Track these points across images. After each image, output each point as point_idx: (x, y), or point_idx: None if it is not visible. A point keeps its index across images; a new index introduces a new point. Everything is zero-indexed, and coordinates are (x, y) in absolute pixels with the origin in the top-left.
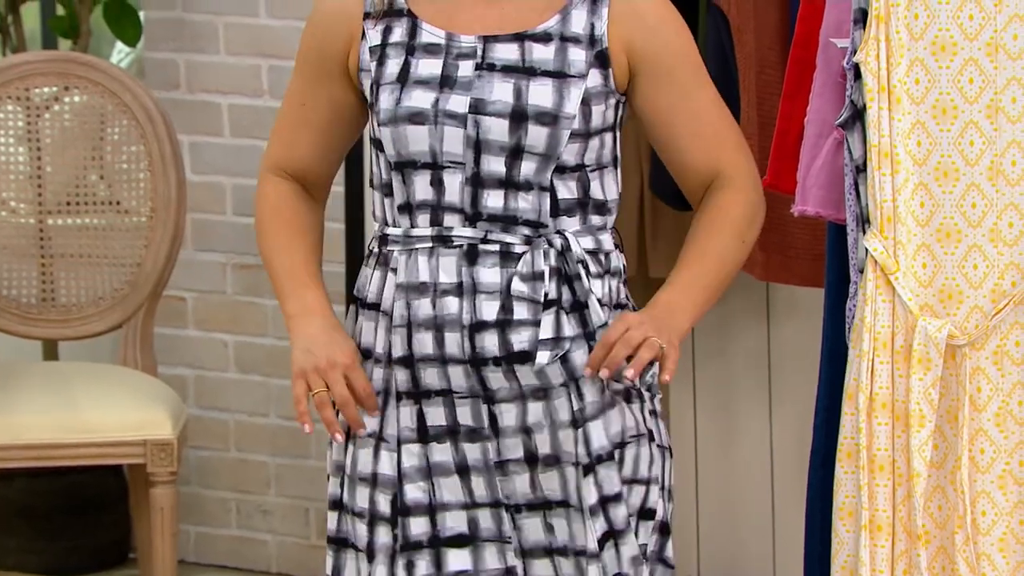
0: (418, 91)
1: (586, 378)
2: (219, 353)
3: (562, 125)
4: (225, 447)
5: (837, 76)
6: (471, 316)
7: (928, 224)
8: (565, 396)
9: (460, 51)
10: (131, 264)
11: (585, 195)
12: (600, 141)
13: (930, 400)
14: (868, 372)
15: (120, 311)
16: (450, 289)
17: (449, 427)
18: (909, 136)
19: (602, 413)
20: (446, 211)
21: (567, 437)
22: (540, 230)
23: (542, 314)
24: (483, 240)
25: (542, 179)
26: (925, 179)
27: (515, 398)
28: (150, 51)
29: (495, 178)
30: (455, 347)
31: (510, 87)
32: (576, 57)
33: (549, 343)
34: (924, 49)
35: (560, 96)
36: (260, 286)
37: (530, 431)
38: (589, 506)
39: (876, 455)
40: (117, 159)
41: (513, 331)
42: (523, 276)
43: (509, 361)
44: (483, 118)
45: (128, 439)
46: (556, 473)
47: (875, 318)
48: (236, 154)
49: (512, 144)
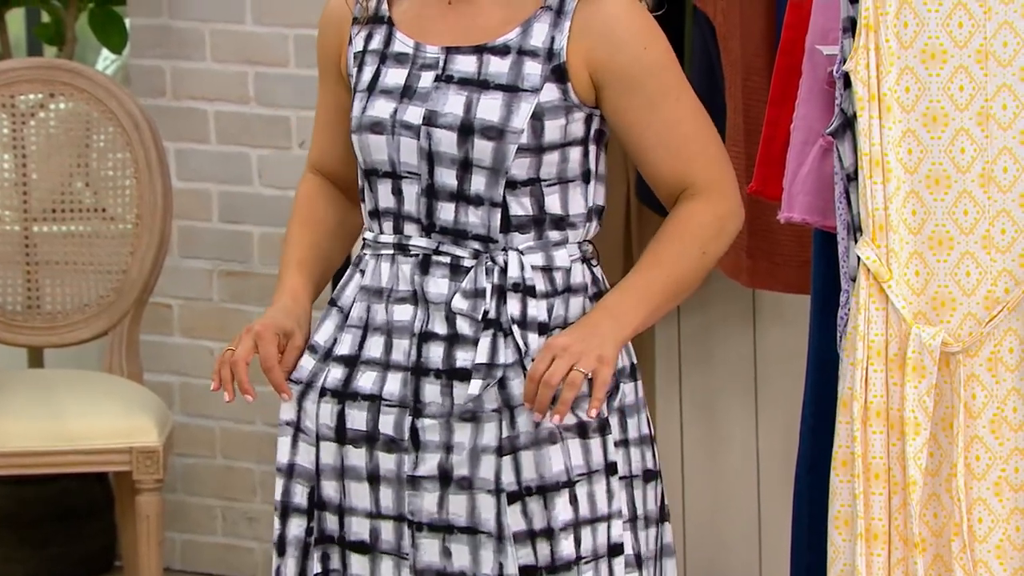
0: (381, 100)
1: (520, 406)
2: (205, 360)
3: (508, 140)
4: (211, 454)
5: (823, 83)
6: (422, 325)
7: (920, 232)
8: (496, 422)
9: (424, 61)
10: (117, 271)
11: (541, 211)
12: (561, 156)
13: (925, 408)
14: (862, 380)
15: (106, 318)
16: (405, 297)
17: (368, 433)
18: (900, 144)
19: (536, 446)
20: (405, 220)
21: (489, 464)
22: (490, 245)
23: (481, 335)
24: (435, 251)
25: (493, 194)
26: (916, 187)
27: (443, 415)
28: (136, 58)
29: (447, 191)
30: (401, 354)
31: (462, 100)
32: (531, 71)
33: (483, 369)
34: (914, 57)
35: (508, 111)
36: (246, 293)
37: (450, 450)
38: (512, 533)
39: (871, 463)
40: (103, 166)
41: (459, 347)
42: (465, 292)
43: (449, 376)
44: (434, 130)
45: (114, 447)
46: (466, 498)
47: (868, 326)
48: (222, 161)
49: (461, 157)
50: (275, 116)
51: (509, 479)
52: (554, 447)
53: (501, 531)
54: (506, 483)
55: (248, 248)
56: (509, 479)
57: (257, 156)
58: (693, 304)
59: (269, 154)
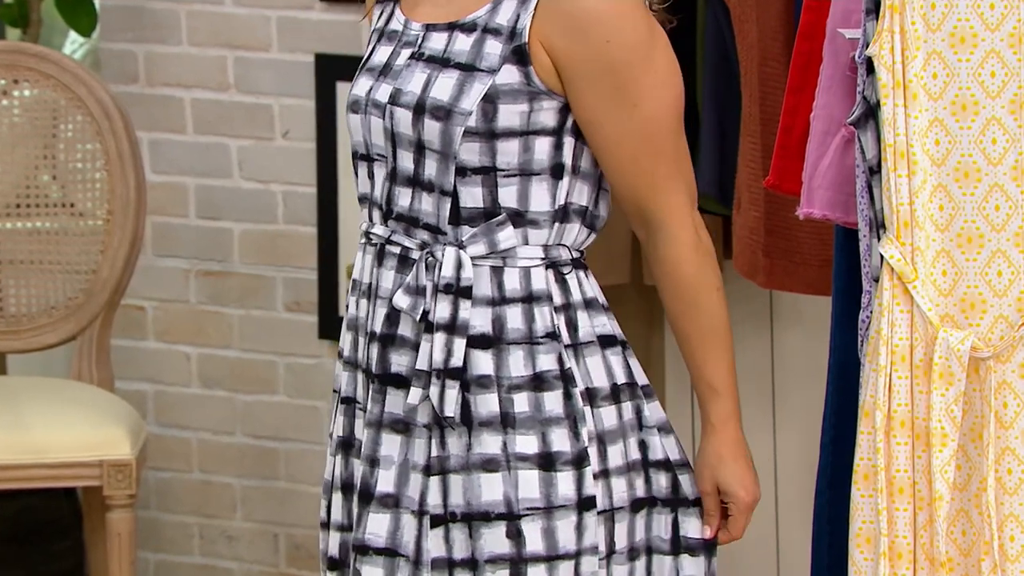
0: (363, 79)
1: (452, 429)
2: (181, 366)
3: (455, 121)
4: (187, 468)
5: (846, 69)
6: (368, 323)
7: (948, 229)
8: (425, 439)
9: (407, 38)
10: (86, 271)
11: (494, 204)
12: (523, 145)
13: (952, 417)
14: (885, 388)
15: (74, 322)
16: (365, 290)
17: (346, 439)
18: (927, 135)
19: (466, 471)
20: (373, 206)
21: (416, 482)
22: (438, 237)
23: (422, 337)
24: (387, 240)
25: (444, 181)
26: (944, 180)
27: (371, 424)
28: (106, 41)
29: (405, 175)
30: (360, 353)
31: (424, 78)
32: (491, 50)
33: (423, 377)
34: (942, 41)
35: (459, 91)
36: (225, 294)
37: (375, 463)
38: (432, 559)
39: (895, 477)
40: (71, 158)
41: (396, 350)
42: (408, 288)
43: (382, 381)
44: (396, 109)
45: (83, 460)
46: (390, 517)
47: (892, 330)
48: (200, 152)
49: (415, 139)
50: (256, 104)
51: (435, 501)
52: (488, 475)
53: (419, 556)
54: (431, 505)
55: (227, 246)
56: (435, 501)
57: (237, 147)
58: None
59: (250, 145)
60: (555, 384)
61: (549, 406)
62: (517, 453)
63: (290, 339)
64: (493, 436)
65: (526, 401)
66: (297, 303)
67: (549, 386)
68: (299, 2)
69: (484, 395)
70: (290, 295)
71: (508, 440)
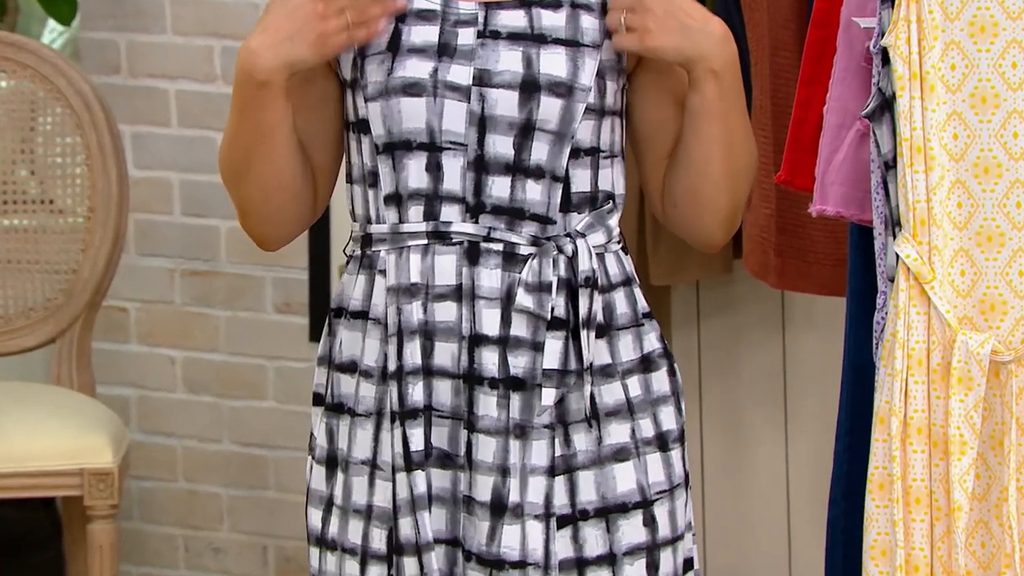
0: (413, 60)
1: (588, 424)
2: (165, 371)
3: (577, 97)
4: (172, 477)
5: (860, 60)
6: (471, 326)
7: (967, 227)
8: (547, 440)
9: (459, 18)
10: (66, 271)
11: (596, 187)
12: (612, 125)
13: (972, 424)
14: (901, 393)
15: (54, 323)
16: (447, 293)
17: (425, 451)
18: (944, 128)
19: (598, 464)
20: (444, 201)
21: (538, 486)
22: (547, 227)
23: (547, 336)
24: (485, 238)
25: (556, 164)
26: (963, 176)
27: (499, 432)
28: (87, 30)
29: (502, 162)
30: (448, 359)
31: (519, 56)
32: (589, 25)
33: (555, 376)
34: (961, 30)
35: (575, 66)
36: (211, 295)
37: (506, 472)
38: (559, 561)
39: (911, 487)
40: (50, 152)
41: (512, 351)
42: (528, 286)
43: (506, 386)
44: (489, 90)
45: (62, 468)
46: (519, 528)
47: (908, 333)
48: (185, 146)
49: (522, 120)
50: None
51: (561, 502)
52: (621, 465)
53: (548, 561)
54: (557, 507)
55: (214, 245)
56: (561, 502)
57: None
58: (714, 307)
59: None
60: (660, 363)
61: (657, 386)
62: (643, 438)
63: (279, 342)
64: (622, 424)
65: (638, 384)
66: (287, 304)
67: (656, 366)
68: None
69: (609, 384)
70: (280, 296)
71: (635, 426)
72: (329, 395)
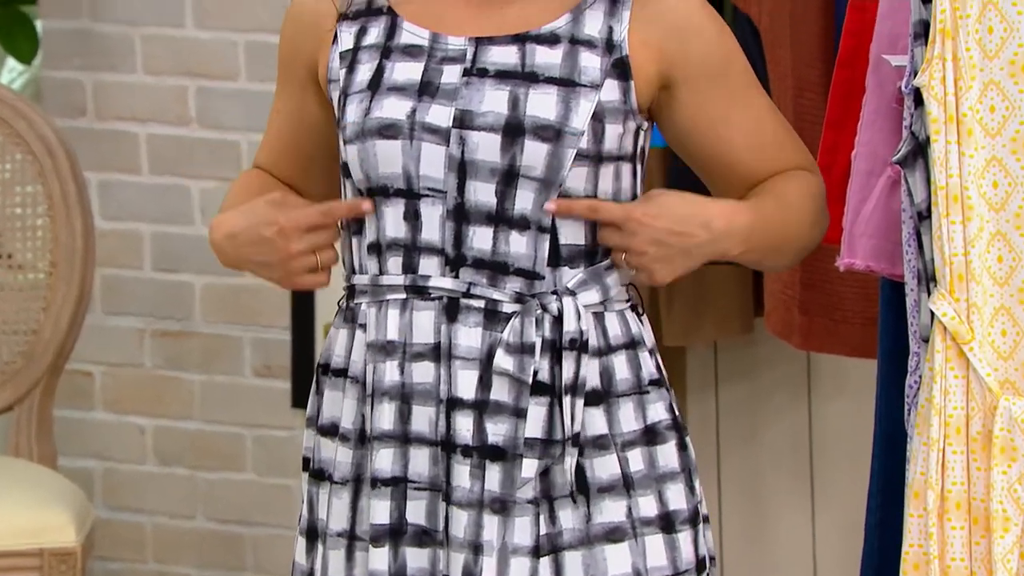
0: (391, 99)
1: (572, 501)
2: (134, 441)
3: (566, 142)
4: (141, 557)
5: (892, 101)
6: (448, 388)
7: (1008, 282)
8: (531, 516)
9: (446, 54)
10: (25, 331)
11: (593, 241)
12: (615, 171)
13: (1016, 498)
14: (938, 464)
15: (12, 389)
16: (424, 352)
17: (393, 527)
18: (983, 175)
19: (587, 545)
20: (423, 253)
21: (521, 568)
22: (534, 283)
23: (531, 402)
24: (465, 294)
25: (541, 215)
26: (1003, 228)
27: (471, 504)
28: (49, 69)
29: (483, 211)
30: (425, 425)
31: (504, 96)
32: (589, 63)
33: (537, 446)
34: (1001, 70)
35: (566, 107)
36: (184, 357)
37: (479, 550)
38: None
39: (950, 567)
40: (8, 202)
41: (491, 417)
42: (509, 347)
43: (481, 455)
44: (470, 133)
45: (20, 548)
46: None
47: (945, 398)
48: (156, 196)
49: (504, 166)
50: (221, 141)
51: None
52: (614, 546)
53: None
54: None
55: (188, 302)
56: None
57: (199, 190)
58: (733, 370)
59: (213, 187)
60: (668, 435)
61: (663, 460)
62: (642, 517)
63: (259, 408)
64: (616, 502)
65: (640, 458)
66: (267, 367)
67: (662, 438)
68: (269, 25)
69: (602, 457)
70: (259, 358)
71: (632, 504)
72: (313, 460)
